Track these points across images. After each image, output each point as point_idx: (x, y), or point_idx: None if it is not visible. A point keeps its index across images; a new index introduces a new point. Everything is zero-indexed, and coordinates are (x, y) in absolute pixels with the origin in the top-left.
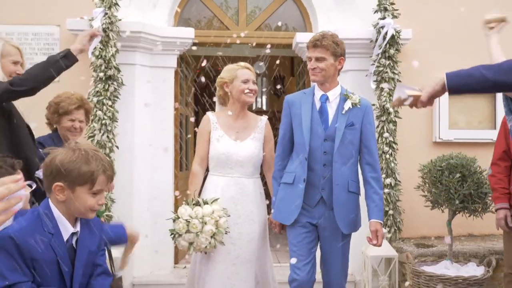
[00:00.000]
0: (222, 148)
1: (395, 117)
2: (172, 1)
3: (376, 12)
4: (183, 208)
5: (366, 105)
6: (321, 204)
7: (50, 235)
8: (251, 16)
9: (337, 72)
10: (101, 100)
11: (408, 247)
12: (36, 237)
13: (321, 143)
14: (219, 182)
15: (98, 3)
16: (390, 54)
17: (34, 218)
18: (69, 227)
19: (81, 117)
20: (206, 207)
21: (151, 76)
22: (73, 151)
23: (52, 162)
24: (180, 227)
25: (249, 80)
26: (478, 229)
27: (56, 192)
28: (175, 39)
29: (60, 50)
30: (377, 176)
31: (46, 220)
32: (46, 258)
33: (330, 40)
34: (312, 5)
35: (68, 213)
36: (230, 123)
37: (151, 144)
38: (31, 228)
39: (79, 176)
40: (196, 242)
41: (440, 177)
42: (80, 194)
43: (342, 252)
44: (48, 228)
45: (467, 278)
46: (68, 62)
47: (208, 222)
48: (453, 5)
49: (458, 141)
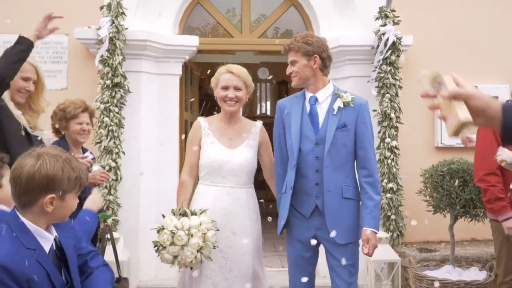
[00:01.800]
0: (214, 156)
1: (397, 122)
2: (177, 9)
3: (377, 19)
4: (169, 218)
5: (360, 103)
6: (317, 213)
7: (33, 251)
8: (254, 24)
9: (318, 71)
10: (108, 107)
11: (411, 252)
12: (24, 257)
13: (312, 148)
14: (210, 192)
15: (105, 13)
16: (391, 61)
17: (12, 239)
18: (48, 236)
19: (87, 120)
20: (193, 218)
21: (157, 83)
22: (54, 158)
23: (36, 174)
24: (164, 238)
25: (229, 87)
26: (481, 234)
27: (46, 205)
28: (180, 47)
29: (68, 58)
30: (372, 181)
31: (23, 236)
32: (38, 275)
33: (300, 41)
34: (314, 12)
35: (46, 223)
36: (223, 129)
37: (156, 149)
38: (15, 250)
39: (70, 183)
40: (181, 256)
41: (441, 182)
42: (69, 200)
43: (349, 264)
44: (29, 244)
45: (469, 282)
46: (22, 46)
47: (194, 234)
48: (454, 12)
49: (460, 146)
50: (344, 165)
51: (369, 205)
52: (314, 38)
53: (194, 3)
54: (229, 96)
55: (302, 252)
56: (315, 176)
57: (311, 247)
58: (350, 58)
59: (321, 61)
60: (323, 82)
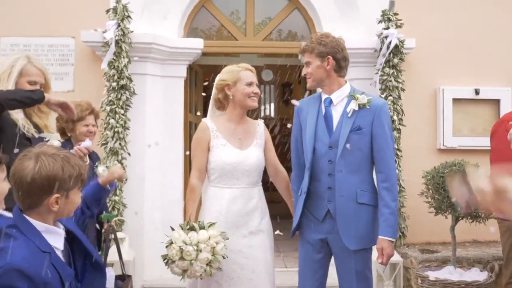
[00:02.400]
0: (227, 158)
1: (399, 124)
2: (182, 12)
3: (380, 22)
4: (177, 232)
5: (377, 105)
6: (329, 217)
7: (48, 254)
8: (258, 27)
9: (333, 73)
10: (114, 108)
11: (413, 253)
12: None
13: (326, 151)
14: (224, 195)
15: (111, 16)
16: (394, 63)
17: (27, 243)
18: (60, 231)
19: (93, 122)
20: (201, 233)
21: (162, 85)
22: (52, 158)
23: (37, 176)
24: (173, 253)
25: (253, 83)
26: (483, 236)
27: (52, 205)
28: (185, 50)
29: (74, 61)
30: (389, 186)
31: (38, 240)
32: (53, 279)
33: (315, 41)
34: (318, 15)
35: (53, 220)
36: (231, 129)
37: (161, 151)
38: (31, 253)
39: (72, 181)
40: (190, 270)
41: (442, 183)
42: (73, 196)
43: (357, 271)
44: (44, 247)
45: (470, 283)
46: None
47: (203, 249)
48: (455, 14)
49: (462, 148)
50: (359, 169)
51: (385, 213)
52: (329, 39)
53: (198, 6)
54: (255, 91)
55: (313, 254)
56: (327, 180)
57: (322, 249)
58: (353, 61)
59: (336, 62)
60: (339, 83)
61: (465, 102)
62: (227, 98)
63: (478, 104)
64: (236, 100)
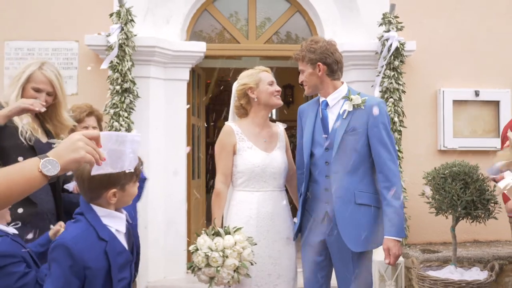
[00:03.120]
0: (256, 161)
1: (400, 126)
2: (185, 16)
3: (380, 25)
4: (202, 238)
5: (371, 105)
6: (327, 219)
7: (105, 242)
8: (260, 29)
9: (325, 77)
10: (118, 111)
11: (414, 253)
12: (91, 246)
13: (323, 153)
14: (254, 198)
15: (115, 20)
16: (394, 66)
17: (87, 226)
18: (121, 215)
19: (93, 124)
20: (227, 238)
21: (165, 88)
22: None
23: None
24: (199, 260)
25: (274, 82)
26: (484, 235)
27: (110, 198)
28: (188, 53)
29: (78, 65)
30: (389, 186)
31: (100, 227)
32: (98, 266)
33: (305, 49)
34: (319, 18)
35: (114, 209)
36: (256, 132)
37: (165, 153)
38: (84, 236)
39: (128, 175)
40: (217, 277)
41: (443, 184)
42: (129, 189)
43: (356, 273)
44: (103, 235)
45: (470, 282)
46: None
47: (230, 255)
48: (456, 18)
49: (462, 149)
50: (356, 170)
51: (388, 212)
52: (318, 44)
53: (201, 10)
54: (278, 89)
55: (314, 256)
56: (325, 181)
57: (323, 252)
58: (354, 63)
59: (327, 66)
60: (334, 86)
61: (465, 104)
62: (250, 103)
63: (478, 106)
64: (262, 101)
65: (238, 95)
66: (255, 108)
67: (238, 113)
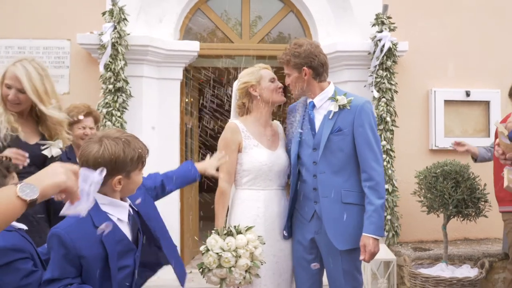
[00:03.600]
0: (263, 159)
1: (392, 125)
2: (178, 15)
3: (373, 25)
4: (213, 238)
5: (357, 105)
6: (315, 218)
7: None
8: (254, 29)
9: (312, 80)
10: (110, 111)
11: (406, 251)
12: (86, 235)
13: (311, 153)
14: (260, 197)
15: (108, 19)
16: (387, 66)
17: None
18: (124, 204)
19: (91, 124)
20: (239, 238)
21: (158, 87)
22: (114, 141)
23: (101, 159)
24: (210, 261)
25: (275, 78)
26: (474, 234)
27: (115, 185)
28: (181, 52)
29: (70, 63)
30: (372, 185)
31: (96, 214)
32: (93, 254)
33: (289, 53)
34: (313, 18)
35: (118, 197)
36: (261, 130)
37: (157, 152)
38: (78, 226)
39: (133, 163)
40: (229, 278)
41: (435, 183)
42: (135, 177)
43: (345, 271)
44: (99, 222)
45: (461, 279)
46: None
47: (242, 255)
48: (448, 19)
49: (453, 149)
50: (342, 169)
51: (369, 210)
52: (302, 48)
53: (194, 9)
54: (280, 86)
55: (304, 254)
56: (313, 181)
57: (313, 250)
58: (347, 63)
59: (312, 70)
60: (321, 88)
61: (456, 104)
62: (252, 101)
63: (469, 106)
64: (264, 98)
65: (240, 93)
66: (258, 105)
67: (240, 112)
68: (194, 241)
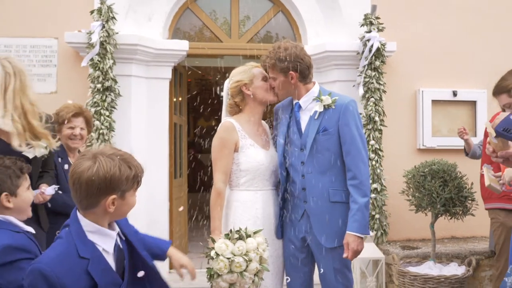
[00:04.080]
0: (260, 159)
1: (381, 125)
2: (167, 14)
3: (362, 25)
4: (223, 243)
5: (341, 104)
6: (305, 217)
7: (86, 261)
8: (243, 28)
9: (298, 83)
10: (99, 110)
11: (394, 249)
12: (71, 267)
13: (299, 153)
14: (258, 198)
15: (96, 17)
16: (375, 66)
17: (66, 246)
18: (111, 234)
19: (81, 125)
20: (250, 241)
21: (147, 87)
22: (110, 158)
23: (95, 177)
24: (221, 266)
25: (267, 77)
26: (460, 232)
27: (109, 206)
28: (170, 51)
29: (57, 62)
30: (356, 183)
31: (82, 244)
32: (81, 286)
33: (274, 57)
34: (302, 18)
35: (108, 221)
36: (254, 130)
37: (146, 152)
38: (61, 258)
39: (129, 182)
40: (239, 283)
41: (423, 182)
42: (129, 198)
43: (335, 269)
44: (84, 253)
45: (449, 277)
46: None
47: (253, 258)
48: (435, 20)
49: (441, 148)
50: (330, 169)
51: (353, 208)
52: (287, 52)
53: (183, 8)
54: (272, 85)
55: (296, 253)
56: (301, 181)
57: (304, 249)
58: (336, 63)
59: (299, 73)
60: (306, 89)
61: (443, 104)
62: (244, 100)
63: (456, 105)
64: (257, 97)
65: (232, 92)
66: (251, 104)
67: (232, 111)
68: (183, 241)
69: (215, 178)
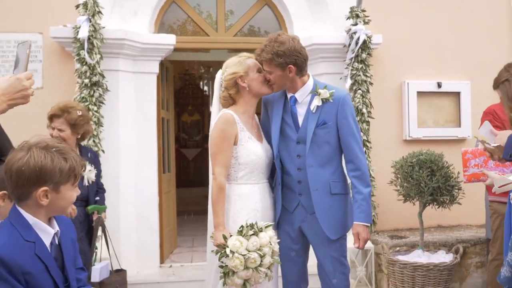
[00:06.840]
0: (258, 151)
1: (368, 117)
2: (153, 8)
3: (348, 18)
4: (237, 240)
5: (339, 97)
6: (300, 208)
7: (32, 244)
8: (229, 22)
9: (295, 76)
10: (87, 105)
11: (383, 239)
12: (22, 250)
13: (294, 147)
14: (256, 191)
15: (82, 11)
16: (362, 58)
17: (10, 231)
18: (49, 229)
19: (60, 126)
20: (262, 236)
21: (134, 81)
22: (44, 150)
23: (25, 167)
24: (236, 263)
25: (262, 69)
26: (447, 221)
27: (40, 198)
28: (157, 46)
29: (43, 57)
30: (359, 174)
31: (23, 229)
32: (36, 269)
33: (271, 52)
34: (288, 11)
35: (46, 216)
36: (250, 122)
37: (135, 147)
38: (12, 242)
39: (63, 174)
40: (254, 278)
41: (411, 172)
42: (65, 192)
43: (333, 257)
44: (28, 237)
45: (438, 264)
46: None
47: (267, 253)
48: (420, 13)
49: (426, 139)
50: (329, 161)
51: (358, 199)
52: (285, 46)
53: (169, 2)
54: (267, 76)
55: (291, 244)
56: (297, 174)
57: (299, 240)
58: (323, 56)
59: (297, 67)
60: (302, 82)
61: (428, 95)
62: (239, 92)
63: (441, 97)
64: (253, 89)
65: (227, 85)
66: (246, 97)
67: (225, 103)
68: (172, 236)
69: (215, 172)
